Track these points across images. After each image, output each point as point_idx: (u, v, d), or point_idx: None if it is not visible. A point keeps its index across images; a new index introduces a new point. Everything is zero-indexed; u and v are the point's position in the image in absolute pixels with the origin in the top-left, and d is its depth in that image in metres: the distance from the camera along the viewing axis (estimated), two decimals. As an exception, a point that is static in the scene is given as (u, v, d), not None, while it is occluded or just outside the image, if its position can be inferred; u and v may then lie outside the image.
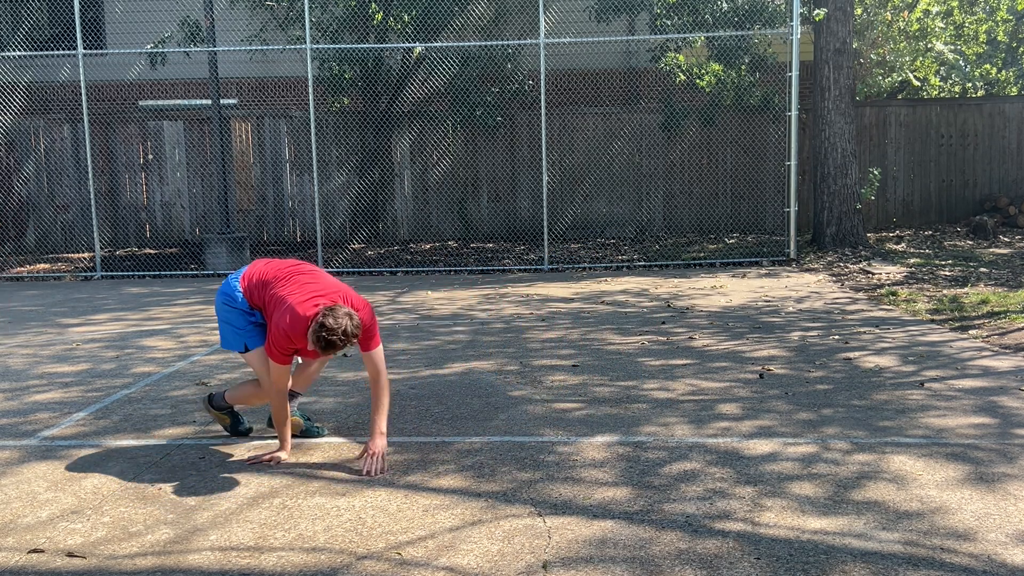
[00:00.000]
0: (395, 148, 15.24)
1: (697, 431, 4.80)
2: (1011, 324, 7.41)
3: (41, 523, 3.79)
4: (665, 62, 13.50)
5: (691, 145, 15.18)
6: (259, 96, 16.67)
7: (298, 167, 15.35)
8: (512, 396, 5.62)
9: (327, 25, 13.61)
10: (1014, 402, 5.20)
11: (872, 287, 9.90)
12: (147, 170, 15.45)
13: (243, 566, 3.33)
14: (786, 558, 3.27)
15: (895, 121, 15.38)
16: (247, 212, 15.43)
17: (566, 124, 15.17)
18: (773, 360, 6.44)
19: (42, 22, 16.12)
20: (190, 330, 8.29)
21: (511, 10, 14.21)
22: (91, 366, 6.81)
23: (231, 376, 6.34)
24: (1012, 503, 3.72)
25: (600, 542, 3.45)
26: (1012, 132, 15.47)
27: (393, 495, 3.99)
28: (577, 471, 4.23)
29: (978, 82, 19.50)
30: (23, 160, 15.26)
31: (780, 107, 13.26)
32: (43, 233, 15.30)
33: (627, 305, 9.18)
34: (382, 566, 3.31)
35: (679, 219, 15.34)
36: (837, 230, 12.99)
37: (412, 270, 12.55)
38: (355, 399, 5.65)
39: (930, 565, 3.19)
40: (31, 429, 5.16)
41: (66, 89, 15.78)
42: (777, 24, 12.82)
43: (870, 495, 3.85)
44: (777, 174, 14.58)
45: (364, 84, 14.28)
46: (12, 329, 8.59)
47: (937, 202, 15.57)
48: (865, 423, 4.87)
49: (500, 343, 7.29)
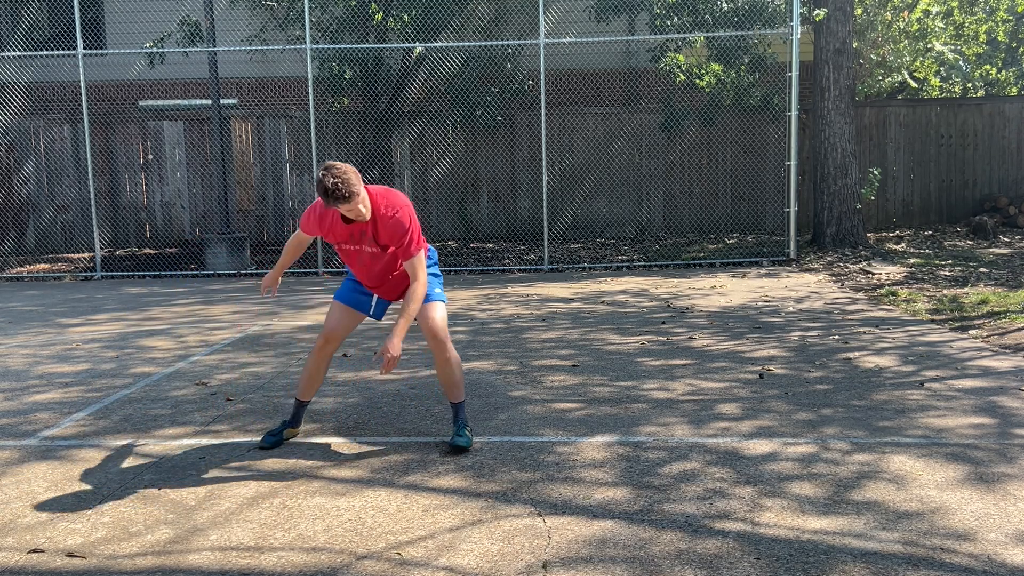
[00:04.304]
0: (395, 148, 15.24)
1: (697, 431, 4.80)
2: (1011, 324, 7.41)
3: (41, 523, 3.79)
4: (665, 62, 13.50)
5: (691, 145, 15.18)
6: (259, 96, 16.67)
7: (298, 167, 15.36)
8: (512, 396, 5.62)
9: (327, 25, 13.61)
10: (1014, 402, 5.20)
11: (872, 287, 9.90)
12: (147, 170, 15.45)
13: (243, 566, 3.33)
14: (786, 558, 3.28)
15: (895, 121, 15.38)
16: (247, 212, 15.43)
17: (566, 124, 15.17)
18: (773, 360, 6.44)
19: (42, 22, 16.12)
20: (190, 330, 8.29)
21: (511, 10, 14.21)
22: (91, 366, 6.81)
23: (231, 376, 6.34)
24: (1012, 503, 3.72)
25: (600, 542, 3.45)
26: (1012, 132, 15.47)
27: (393, 495, 4.00)
28: (577, 471, 4.23)
29: (978, 82, 19.50)
30: (23, 160, 15.26)
31: (780, 107, 13.26)
32: (43, 233, 15.30)
33: (627, 305, 9.19)
34: (382, 566, 3.31)
35: (679, 219, 15.35)
36: (837, 230, 12.99)
37: (412, 270, 12.52)
38: (355, 399, 5.65)
39: (930, 565, 3.19)
40: (31, 429, 5.16)
41: (66, 89, 15.78)
42: (777, 24, 12.82)
43: (870, 495, 3.85)
44: (777, 174, 14.59)
45: (364, 84, 14.28)
46: (12, 329, 8.60)
47: (937, 202, 15.57)
48: (865, 423, 4.87)
49: (500, 343, 7.29)
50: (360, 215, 4.18)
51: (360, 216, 4.18)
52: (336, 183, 4.00)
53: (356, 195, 4.06)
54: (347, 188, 4.02)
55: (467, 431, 4.60)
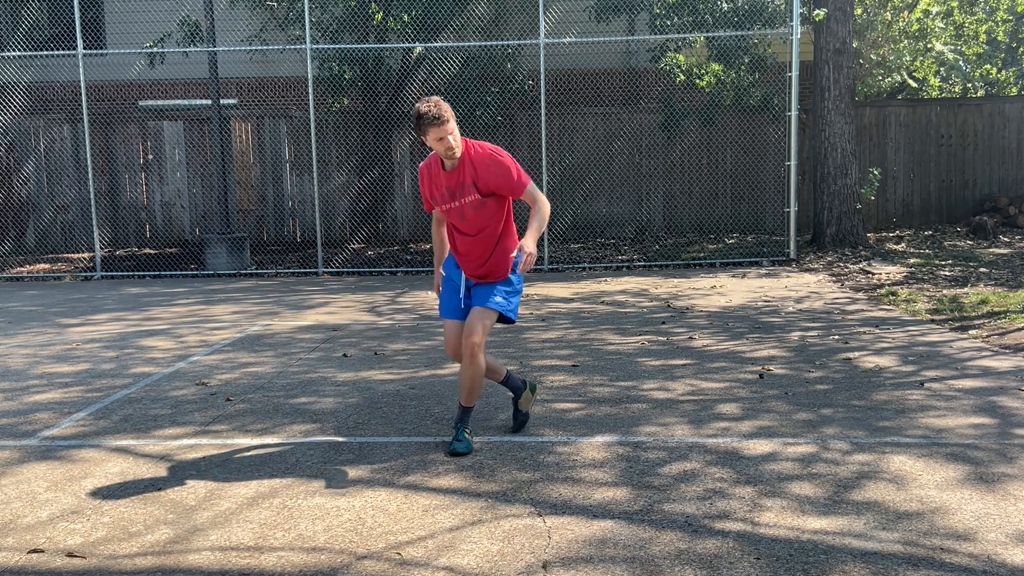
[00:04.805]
0: (395, 148, 15.23)
1: (696, 431, 4.80)
2: (1011, 324, 7.41)
3: (41, 523, 3.79)
4: (665, 62, 13.50)
5: (691, 145, 15.18)
6: (259, 96, 16.67)
7: (298, 167, 15.36)
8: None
9: (327, 25, 13.61)
10: (1014, 402, 5.20)
11: (872, 287, 9.90)
12: (147, 170, 15.45)
13: (243, 566, 3.33)
14: (786, 558, 3.28)
15: (895, 121, 15.38)
16: (247, 212, 15.43)
17: (566, 124, 15.17)
18: (773, 360, 6.44)
19: (42, 22, 16.12)
20: (190, 330, 8.29)
21: (511, 10, 14.22)
22: (91, 366, 6.82)
23: (231, 376, 6.34)
24: (1012, 503, 3.72)
25: (600, 542, 3.45)
26: (1012, 132, 15.47)
27: (393, 495, 4.00)
28: (577, 471, 4.23)
29: (978, 82, 19.50)
30: (23, 160, 15.26)
31: (780, 107, 13.26)
32: (43, 233, 15.30)
33: (627, 305, 9.19)
34: (382, 566, 3.31)
35: (679, 219, 15.35)
36: (837, 230, 12.99)
37: (412, 270, 12.55)
38: (355, 399, 5.65)
39: (930, 565, 3.19)
40: (31, 429, 5.16)
41: (66, 89, 15.78)
42: (777, 24, 12.83)
43: (870, 495, 3.85)
44: (777, 174, 14.59)
45: (364, 84, 14.28)
46: (12, 329, 8.60)
47: (937, 202, 15.57)
48: (865, 423, 4.87)
49: (500, 343, 7.29)
50: (452, 148, 4.32)
51: (452, 151, 4.33)
52: (429, 106, 4.24)
53: (448, 120, 4.26)
54: (439, 110, 4.24)
55: (466, 434, 4.60)
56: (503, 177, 4.39)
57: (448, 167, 4.43)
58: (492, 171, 4.39)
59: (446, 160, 4.42)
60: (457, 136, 4.34)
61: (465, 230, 4.49)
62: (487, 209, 4.43)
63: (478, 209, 4.43)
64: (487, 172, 4.38)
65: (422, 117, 4.24)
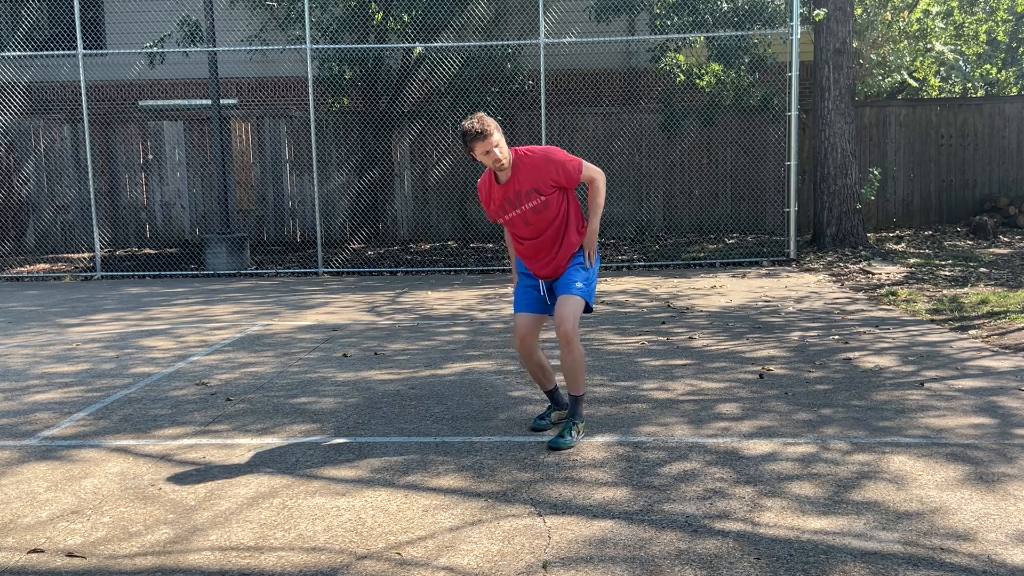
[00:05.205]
0: (395, 148, 15.24)
1: (696, 431, 4.80)
2: (1011, 324, 7.41)
3: (41, 523, 3.79)
4: (665, 62, 13.50)
5: (691, 145, 15.18)
6: (259, 96, 16.67)
7: (298, 167, 15.36)
8: (512, 396, 5.62)
9: (327, 25, 13.61)
10: (1013, 402, 5.20)
11: (872, 287, 9.90)
12: (147, 170, 15.45)
13: (243, 566, 3.33)
14: (786, 558, 3.28)
15: (895, 121, 15.38)
16: (247, 212, 15.43)
17: (566, 124, 15.17)
18: (773, 360, 6.44)
19: (42, 22, 16.12)
20: (190, 330, 8.29)
21: (511, 10, 14.21)
22: (91, 366, 6.82)
23: (231, 376, 6.34)
24: (1012, 503, 3.72)
25: (600, 542, 3.45)
26: (1012, 132, 15.47)
27: (393, 495, 4.00)
28: (577, 471, 4.23)
29: (978, 82, 19.50)
30: (23, 160, 15.26)
31: (780, 107, 13.26)
32: (43, 233, 15.30)
33: (626, 305, 9.19)
34: (382, 566, 3.31)
35: (679, 219, 15.35)
36: (837, 230, 12.99)
37: (412, 270, 12.55)
38: (355, 399, 5.65)
39: (930, 565, 3.20)
40: (31, 429, 5.16)
41: (66, 89, 15.78)
42: (777, 24, 12.83)
43: (870, 495, 3.85)
44: (777, 174, 14.59)
45: (364, 84, 14.28)
46: (12, 329, 8.60)
47: (937, 202, 15.57)
48: (864, 423, 4.87)
49: (500, 343, 7.29)
50: (499, 160, 4.43)
51: (501, 163, 4.44)
52: (472, 123, 4.40)
53: (492, 133, 4.38)
54: (483, 125, 4.38)
55: (573, 431, 4.63)
56: (560, 173, 4.53)
57: (502, 179, 4.56)
58: (551, 171, 4.52)
59: (498, 172, 4.54)
60: (504, 148, 4.46)
61: (529, 235, 4.64)
62: (549, 210, 4.56)
63: (539, 213, 4.56)
64: (541, 172, 4.52)
65: (467, 133, 4.39)
